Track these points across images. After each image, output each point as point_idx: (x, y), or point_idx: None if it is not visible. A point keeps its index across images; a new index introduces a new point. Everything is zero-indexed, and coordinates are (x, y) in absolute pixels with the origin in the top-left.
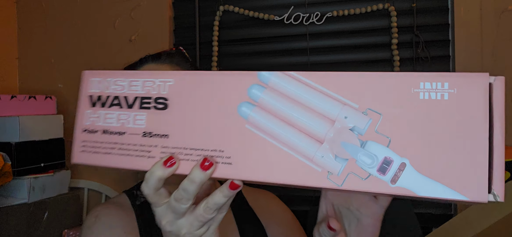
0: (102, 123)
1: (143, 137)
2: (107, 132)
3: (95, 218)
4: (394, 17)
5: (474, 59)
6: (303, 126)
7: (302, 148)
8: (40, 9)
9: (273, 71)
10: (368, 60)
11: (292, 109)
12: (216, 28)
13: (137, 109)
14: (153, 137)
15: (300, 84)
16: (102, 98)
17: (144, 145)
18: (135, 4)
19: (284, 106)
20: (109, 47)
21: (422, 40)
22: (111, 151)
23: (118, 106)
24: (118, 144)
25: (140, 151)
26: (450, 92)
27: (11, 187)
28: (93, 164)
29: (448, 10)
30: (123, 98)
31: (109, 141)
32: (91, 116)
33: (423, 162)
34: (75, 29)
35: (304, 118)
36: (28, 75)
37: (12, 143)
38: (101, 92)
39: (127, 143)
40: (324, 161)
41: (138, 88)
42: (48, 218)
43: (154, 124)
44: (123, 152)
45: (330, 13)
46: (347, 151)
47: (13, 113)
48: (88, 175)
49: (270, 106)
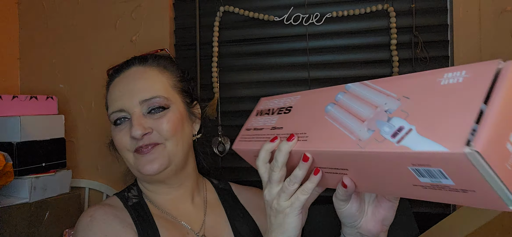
0: (254, 124)
1: (272, 129)
2: (254, 129)
3: (91, 218)
4: (393, 18)
5: (473, 60)
6: (357, 112)
7: (350, 126)
8: (42, 9)
9: (351, 83)
10: (368, 61)
11: (354, 102)
12: (216, 29)
13: (275, 114)
14: (275, 129)
15: (366, 87)
16: (263, 111)
17: (270, 134)
18: (136, 5)
19: (350, 101)
20: (110, 48)
21: (421, 41)
22: (252, 139)
23: (267, 114)
24: (258, 135)
25: (267, 137)
26: (466, 77)
27: (12, 187)
28: (241, 148)
29: (447, 10)
30: (271, 109)
31: (254, 134)
32: (252, 121)
33: (426, 127)
34: (76, 29)
35: (359, 107)
36: (29, 75)
37: (13, 143)
38: (263, 107)
39: (262, 134)
40: (359, 133)
41: (283, 103)
42: (49, 218)
43: (280, 122)
44: (259, 139)
45: (329, 13)
46: (376, 125)
47: (14, 113)
48: (89, 174)
49: (343, 103)
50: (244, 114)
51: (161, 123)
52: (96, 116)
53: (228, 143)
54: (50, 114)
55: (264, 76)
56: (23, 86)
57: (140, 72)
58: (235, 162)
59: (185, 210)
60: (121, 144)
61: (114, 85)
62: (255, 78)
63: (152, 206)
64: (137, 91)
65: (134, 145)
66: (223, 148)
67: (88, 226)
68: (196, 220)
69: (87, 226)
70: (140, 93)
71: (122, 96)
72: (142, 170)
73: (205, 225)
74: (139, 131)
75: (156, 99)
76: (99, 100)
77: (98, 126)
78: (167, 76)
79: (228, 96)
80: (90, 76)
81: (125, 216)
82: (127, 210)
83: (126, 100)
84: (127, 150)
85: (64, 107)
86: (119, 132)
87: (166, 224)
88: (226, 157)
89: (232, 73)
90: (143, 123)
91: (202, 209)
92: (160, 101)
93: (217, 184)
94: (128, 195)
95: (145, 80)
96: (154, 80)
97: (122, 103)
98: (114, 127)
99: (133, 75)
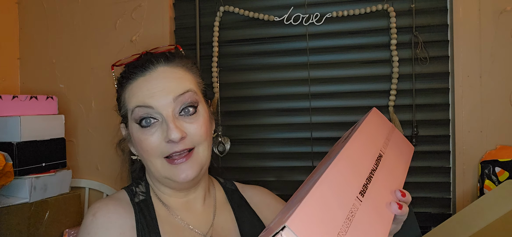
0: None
1: None
2: None
3: (93, 217)
4: (393, 18)
5: (472, 60)
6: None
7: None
8: (42, 9)
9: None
10: (368, 61)
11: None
12: (216, 29)
13: None
14: None
15: None
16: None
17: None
18: (136, 5)
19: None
20: (110, 48)
21: (421, 41)
22: None
23: None
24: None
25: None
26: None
27: (12, 187)
28: None
29: (447, 10)
30: None
31: None
32: None
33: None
34: (76, 29)
35: None
36: (29, 75)
37: (13, 143)
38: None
39: None
40: None
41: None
42: (49, 218)
43: None
44: None
45: (329, 13)
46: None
47: (14, 113)
48: (89, 174)
49: None
50: (244, 114)
51: (194, 128)
52: (96, 116)
53: (228, 143)
54: (50, 114)
55: (264, 76)
56: (23, 86)
57: (168, 71)
58: (234, 162)
59: (196, 211)
60: (152, 149)
61: (139, 84)
62: (255, 78)
63: (159, 206)
64: (169, 90)
65: (168, 150)
66: (223, 148)
67: (87, 228)
68: (205, 222)
69: (87, 227)
70: (173, 91)
71: (153, 95)
72: (178, 179)
73: (214, 226)
74: (178, 134)
75: (188, 93)
76: (99, 100)
77: (98, 126)
78: (192, 74)
79: (228, 96)
80: (90, 76)
81: (129, 216)
82: (133, 206)
83: (159, 99)
84: (156, 156)
85: (64, 107)
86: (151, 135)
87: (171, 229)
88: (226, 157)
89: (232, 73)
90: (179, 125)
91: (212, 210)
92: (191, 95)
93: (224, 183)
94: (136, 190)
95: (176, 79)
96: (183, 78)
97: (153, 101)
98: (140, 128)
99: (162, 74)
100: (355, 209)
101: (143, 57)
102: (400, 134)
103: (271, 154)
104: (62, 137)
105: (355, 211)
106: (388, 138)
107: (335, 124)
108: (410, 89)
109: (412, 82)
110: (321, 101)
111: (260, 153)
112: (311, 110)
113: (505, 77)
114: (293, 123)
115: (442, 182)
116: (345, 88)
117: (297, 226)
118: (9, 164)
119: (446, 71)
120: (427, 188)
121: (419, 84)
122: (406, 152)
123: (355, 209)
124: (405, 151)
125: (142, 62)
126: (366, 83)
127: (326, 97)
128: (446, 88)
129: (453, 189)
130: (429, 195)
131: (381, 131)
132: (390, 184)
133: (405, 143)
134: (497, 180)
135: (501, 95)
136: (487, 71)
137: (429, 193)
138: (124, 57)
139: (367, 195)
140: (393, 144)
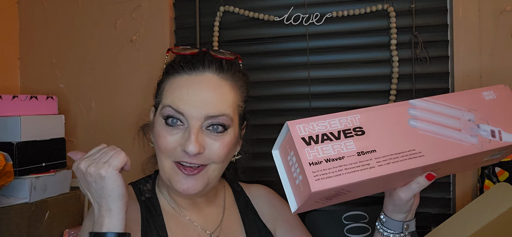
0: (322, 155)
1: (358, 156)
2: (329, 160)
3: None
4: (393, 18)
5: (472, 60)
6: (445, 124)
7: (453, 135)
8: (42, 9)
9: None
10: (368, 61)
11: (435, 116)
12: (217, 29)
13: (343, 138)
14: (366, 154)
15: (431, 103)
16: (313, 137)
17: (362, 161)
18: (136, 5)
19: (430, 115)
20: (110, 48)
21: (421, 41)
22: (340, 172)
23: (328, 140)
24: (343, 166)
25: (362, 165)
26: (496, 94)
27: (12, 187)
28: (331, 187)
29: (447, 10)
30: (330, 133)
31: (334, 166)
32: (310, 152)
33: (507, 127)
34: (76, 29)
35: (444, 120)
36: (29, 75)
37: (13, 143)
38: (309, 133)
39: (349, 163)
40: (467, 139)
41: (337, 125)
42: (49, 218)
43: (362, 145)
44: (349, 170)
45: (329, 13)
46: (473, 131)
47: (14, 113)
48: None
49: (422, 117)
50: None
51: (216, 147)
52: (96, 116)
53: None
54: (50, 114)
55: (264, 76)
56: (23, 86)
57: (215, 83)
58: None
59: (203, 211)
60: (166, 148)
61: (181, 82)
62: (255, 78)
63: (165, 203)
64: (206, 105)
65: (181, 157)
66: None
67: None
68: (212, 221)
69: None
70: (209, 107)
71: (189, 102)
72: (177, 187)
73: (222, 227)
74: (195, 149)
75: (222, 117)
76: (99, 100)
77: (98, 126)
78: (236, 94)
79: None
80: (90, 76)
81: (134, 210)
82: (139, 203)
83: (193, 109)
84: (167, 156)
85: (64, 107)
86: (171, 135)
87: (177, 227)
88: None
89: None
90: (200, 140)
91: (221, 211)
92: (224, 120)
93: (232, 185)
94: (143, 188)
95: (218, 96)
96: (225, 97)
97: (186, 109)
98: (164, 124)
99: (207, 83)
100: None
101: (200, 54)
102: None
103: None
104: (62, 137)
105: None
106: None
107: None
108: (410, 89)
109: (412, 82)
110: (321, 101)
111: (260, 153)
112: (311, 110)
113: (505, 77)
114: None
115: (442, 182)
116: (345, 88)
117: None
118: (9, 164)
119: (446, 71)
120: (427, 188)
121: (419, 84)
122: None
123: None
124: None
125: (194, 60)
126: (366, 83)
127: (326, 97)
128: (446, 88)
129: (453, 189)
130: (429, 195)
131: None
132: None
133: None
134: (497, 180)
135: None
136: (487, 71)
137: (429, 193)
138: (181, 47)
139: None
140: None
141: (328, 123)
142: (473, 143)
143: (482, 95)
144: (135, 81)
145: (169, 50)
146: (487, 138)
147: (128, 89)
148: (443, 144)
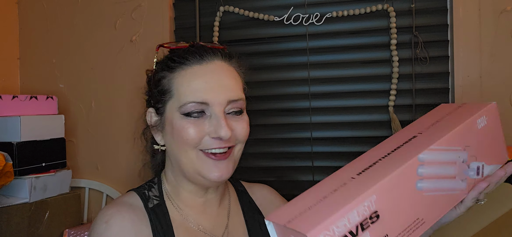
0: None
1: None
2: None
3: (106, 224)
4: (393, 18)
5: (472, 60)
6: (445, 174)
7: (449, 187)
8: (42, 9)
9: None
10: (368, 61)
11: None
12: (216, 29)
13: (360, 233)
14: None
15: (435, 152)
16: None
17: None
18: (136, 5)
19: (433, 169)
20: (110, 48)
21: (421, 41)
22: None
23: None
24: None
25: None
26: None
27: (12, 187)
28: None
29: (447, 10)
30: (348, 233)
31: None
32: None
33: (488, 160)
34: (76, 29)
35: (444, 170)
36: (29, 75)
37: (13, 143)
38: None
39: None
40: (459, 186)
41: (355, 217)
42: (49, 218)
43: (376, 235)
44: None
45: (329, 13)
46: (464, 174)
47: (14, 113)
48: (89, 174)
49: (428, 174)
50: None
51: (240, 127)
52: (96, 116)
53: None
54: (50, 114)
55: (264, 76)
56: (23, 86)
57: (226, 68)
58: None
59: (211, 214)
60: (193, 139)
61: (194, 72)
62: (255, 78)
63: (174, 211)
64: (226, 88)
65: (210, 145)
66: None
67: (102, 235)
68: (220, 225)
69: (102, 234)
70: (229, 91)
71: (210, 90)
72: (209, 176)
73: (228, 229)
74: (229, 133)
75: (240, 101)
76: (99, 100)
77: (98, 126)
78: (241, 79)
79: None
80: (90, 76)
81: (144, 224)
82: (147, 213)
83: (215, 94)
84: (193, 147)
85: (64, 107)
86: (196, 126)
87: (186, 235)
88: None
89: None
90: (229, 124)
91: (226, 213)
92: (241, 104)
93: (235, 185)
94: (148, 194)
95: (233, 81)
96: (238, 81)
97: (209, 97)
98: (185, 118)
99: (220, 69)
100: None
101: (196, 45)
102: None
103: (271, 154)
104: (62, 137)
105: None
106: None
107: (335, 124)
108: (410, 89)
109: (412, 82)
110: (321, 101)
111: (260, 153)
112: (311, 110)
113: (505, 77)
114: (293, 123)
115: None
116: (345, 88)
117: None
118: (9, 164)
119: (446, 71)
120: None
121: (419, 84)
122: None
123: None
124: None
125: (198, 50)
126: (366, 83)
127: (326, 97)
128: (446, 88)
129: None
130: None
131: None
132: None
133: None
134: None
135: (501, 95)
136: (487, 71)
137: None
138: (166, 43)
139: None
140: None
141: (347, 220)
142: (462, 189)
143: (476, 124)
144: (135, 81)
145: (159, 46)
146: (472, 177)
147: (128, 89)
148: (440, 200)
